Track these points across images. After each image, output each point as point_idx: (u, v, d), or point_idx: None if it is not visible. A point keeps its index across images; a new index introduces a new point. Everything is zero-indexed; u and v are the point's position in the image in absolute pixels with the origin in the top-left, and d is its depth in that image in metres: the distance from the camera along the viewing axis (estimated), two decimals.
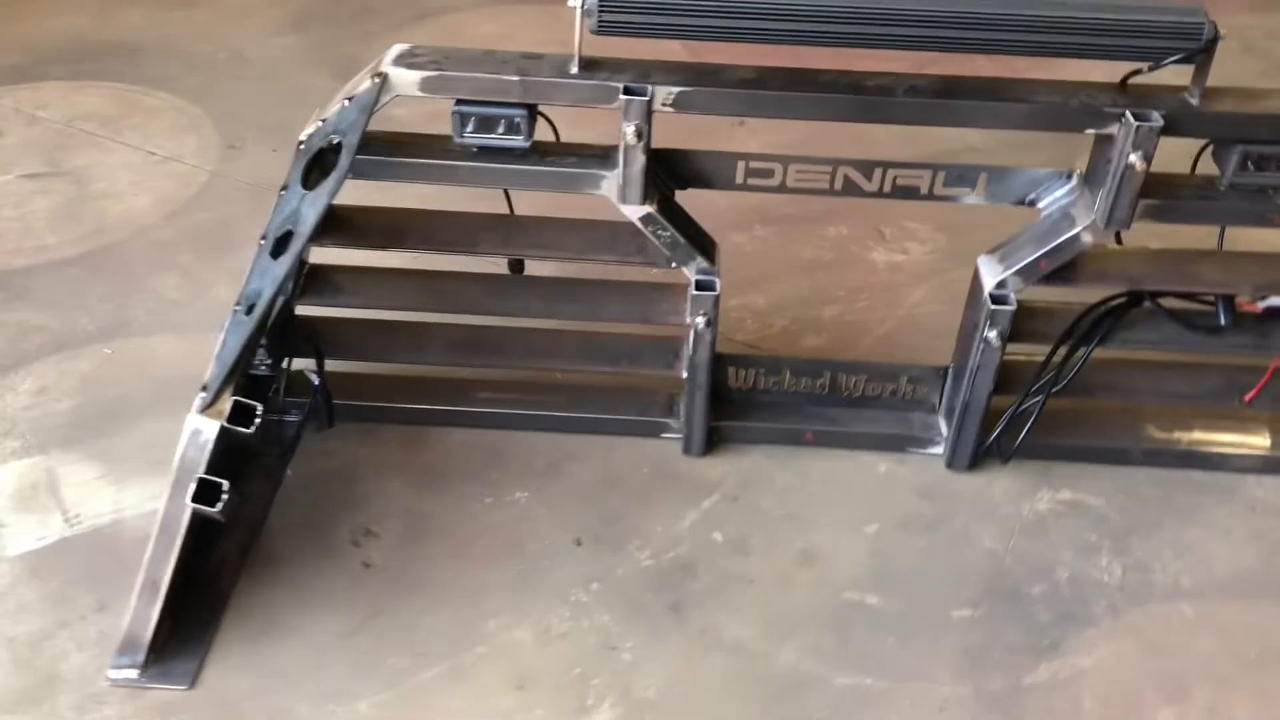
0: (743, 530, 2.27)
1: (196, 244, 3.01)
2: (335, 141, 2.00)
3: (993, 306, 2.16)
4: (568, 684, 1.99)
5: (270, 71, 3.84)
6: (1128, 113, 1.94)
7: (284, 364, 2.26)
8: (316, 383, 2.26)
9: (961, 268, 3.01)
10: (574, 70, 1.99)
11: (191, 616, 2.04)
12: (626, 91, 1.96)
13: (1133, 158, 1.94)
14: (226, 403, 1.91)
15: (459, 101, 2.02)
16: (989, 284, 2.19)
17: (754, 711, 1.96)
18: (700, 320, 2.21)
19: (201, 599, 2.07)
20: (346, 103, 2.00)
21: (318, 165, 2.04)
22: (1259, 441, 2.42)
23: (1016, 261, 2.17)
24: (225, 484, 1.85)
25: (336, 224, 2.18)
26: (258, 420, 1.92)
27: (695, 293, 2.19)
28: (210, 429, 1.89)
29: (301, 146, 2.04)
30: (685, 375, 2.32)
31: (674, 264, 2.20)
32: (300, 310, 2.31)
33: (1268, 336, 2.27)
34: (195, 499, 1.84)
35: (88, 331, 2.71)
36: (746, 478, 2.39)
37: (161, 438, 2.41)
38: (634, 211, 2.11)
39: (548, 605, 2.11)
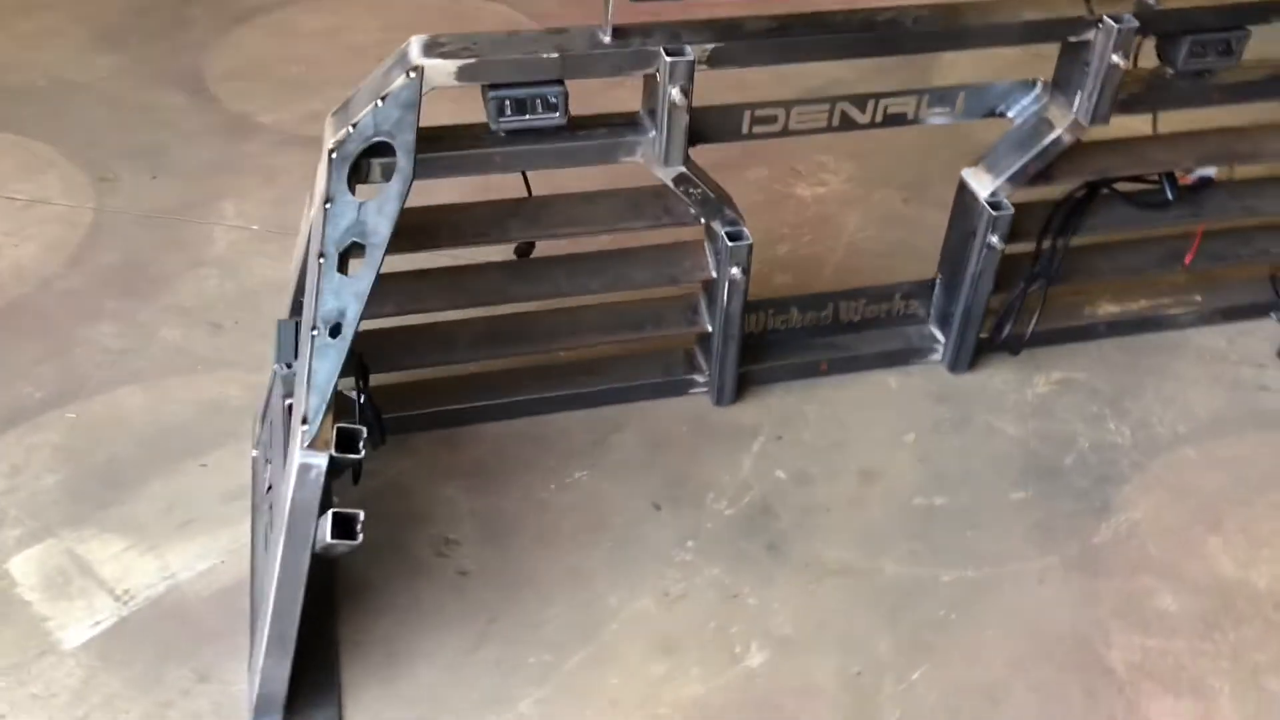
0: (799, 465, 2.37)
1: (116, 287, 2.77)
2: (374, 145, 1.91)
3: (993, 213, 2.34)
4: (709, 638, 2.03)
5: (106, 94, 3.52)
6: (1106, 18, 2.14)
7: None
8: (362, 400, 2.17)
9: (879, 190, 3.24)
10: (607, 40, 1.98)
11: (308, 662, 1.93)
12: (669, 53, 1.97)
13: (1115, 58, 2.15)
14: (329, 432, 1.81)
15: (494, 86, 1.98)
16: (983, 194, 2.36)
17: (884, 623, 2.07)
18: (735, 270, 2.27)
19: (310, 643, 1.96)
20: (379, 103, 1.91)
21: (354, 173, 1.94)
22: (1194, 298, 2.75)
23: (1005, 169, 2.35)
24: (360, 513, 1.76)
25: None
26: (363, 444, 1.84)
27: (731, 244, 2.24)
28: (321, 461, 1.79)
29: (334, 155, 1.93)
30: (714, 327, 2.38)
31: (703, 220, 2.25)
32: None
33: (1201, 205, 2.58)
34: (335, 535, 1.74)
35: (38, 399, 2.46)
36: (781, 417, 2.48)
37: (179, 496, 2.26)
38: (669, 172, 2.14)
39: (655, 570, 2.14)
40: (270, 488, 2.07)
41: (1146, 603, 2.11)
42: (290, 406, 2.06)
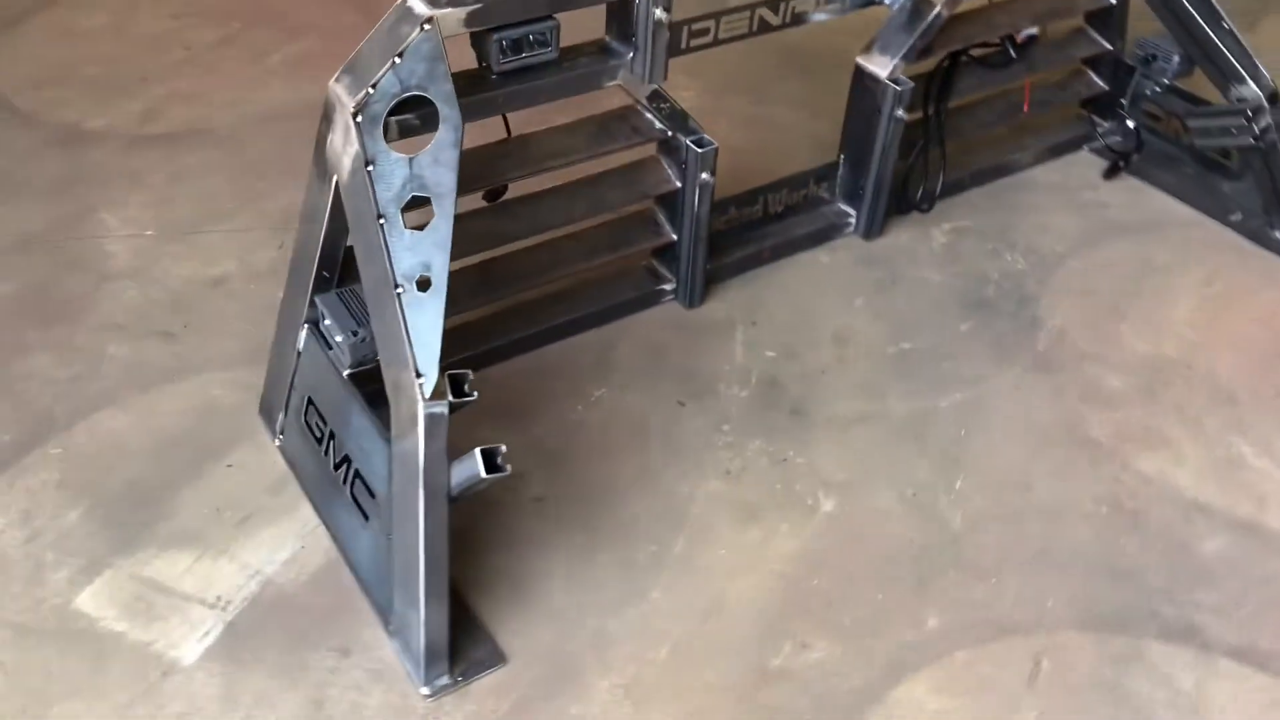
0: (781, 342, 2.61)
1: (30, 318, 2.57)
2: (403, 100, 1.94)
3: (897, 88, 2.65)
4: (781, 497, 2.25)
5: None
6: None
7: None
8: None
9: (728, 99, 3.51)
10: None
11: None
12: None
13: None
14: (443, 381, 1.87)
15: (497, 29, 2.05)
16: (883, 74, 2.67)
17: (914, 451, 2.36)
18: (706, 175, 2.46)
19: None
20: (398, 60, 1.93)
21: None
22: (1031, 141, 3.21)
23: (898, 50, 2.66)
24: (502, 446, 1.83)
25: None
26: (470, 385, 1.90)
27: (700, 150, 2.42)
28: (444, 410, 1.84)
29: (359, 119, 1.94)
30: (682, 233, 2.56)
31: (670, 133, 2.42)
32: None
33: (1032, 60, 3.02)
34: (487, 470, 1.81)
35: (8, 443, 2.28)
36: (746, 306, 2.70)
37: (221, 498, 2.22)
38: (646, 90, 2.29)
39: (707, 455, 2.33)
40: (345, 460, 2.08)
41: (1099, 385, 2.52)
42: (351, 375, 2.09)
